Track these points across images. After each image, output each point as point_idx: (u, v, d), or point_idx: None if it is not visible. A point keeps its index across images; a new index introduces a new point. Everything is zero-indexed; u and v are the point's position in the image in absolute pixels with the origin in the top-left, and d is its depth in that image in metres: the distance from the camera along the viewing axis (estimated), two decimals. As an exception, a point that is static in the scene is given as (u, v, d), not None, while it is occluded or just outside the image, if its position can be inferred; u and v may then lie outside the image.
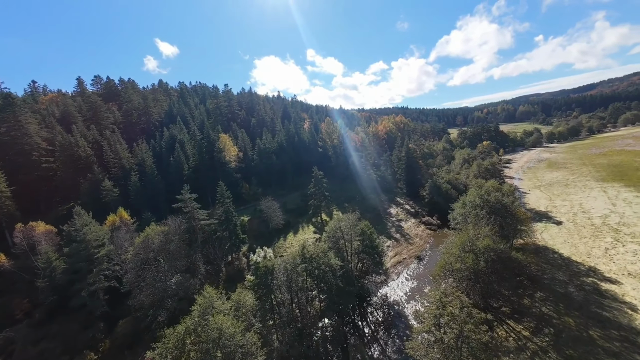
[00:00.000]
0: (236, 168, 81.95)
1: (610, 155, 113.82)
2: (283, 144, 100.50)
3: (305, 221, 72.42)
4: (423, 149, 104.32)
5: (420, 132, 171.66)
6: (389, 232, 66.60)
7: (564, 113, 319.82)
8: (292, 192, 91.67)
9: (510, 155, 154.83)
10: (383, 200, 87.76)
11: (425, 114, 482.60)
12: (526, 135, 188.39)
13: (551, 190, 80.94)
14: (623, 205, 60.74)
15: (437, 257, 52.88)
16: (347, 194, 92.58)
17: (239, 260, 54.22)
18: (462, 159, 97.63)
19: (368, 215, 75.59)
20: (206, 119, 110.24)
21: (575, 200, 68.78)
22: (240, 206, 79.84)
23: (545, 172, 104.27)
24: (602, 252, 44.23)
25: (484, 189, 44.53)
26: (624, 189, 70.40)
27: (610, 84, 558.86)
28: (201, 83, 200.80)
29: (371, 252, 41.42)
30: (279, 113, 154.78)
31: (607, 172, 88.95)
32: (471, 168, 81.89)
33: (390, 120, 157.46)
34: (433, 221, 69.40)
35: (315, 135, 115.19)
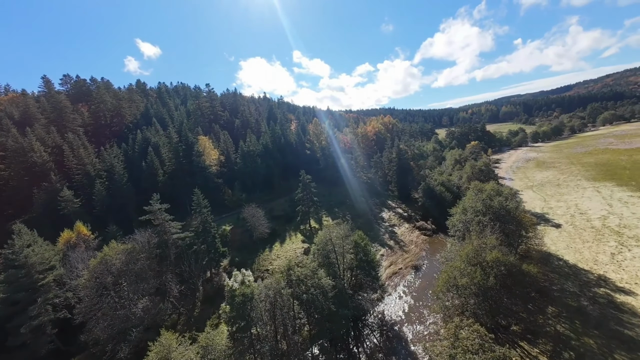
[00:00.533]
0: (217, 173, 76.14)
1: (596, 154, 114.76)
2: (268, 147, 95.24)
3: (292, 229, 67.46)
4: (414, 150, 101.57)
5: (409, 132, 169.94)
6: (382, 239, 62.62)
7: (545, 113, 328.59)
8: (278, 198, 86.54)
9: (498, 155, 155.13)
10: (374, 204, 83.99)
11: (411, 114, 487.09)
12: (512, 135, 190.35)
13: (544, 191, 79.39)
14: (619, 205, 59.14)
15: (434, 266, 49.23)
16: (336, 198, 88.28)
17: (218, 276, 48.69)
18: (453, 160, 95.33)
19: (359, 221, 71.59)
20: (186, 121, 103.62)
21: (570, 201, 67.04)
22: (222, 214, 74.11)
23: (535, 171, 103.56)
24: (608, 258, 41.61)
25: (485, 193, 41.09)
26: (617, 189, 69.33)
27: (585, 85, 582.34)
28: (182, 83, 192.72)
29: (366, 267, 37.04)
30: (265, 114, 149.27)
31: (597, 171, 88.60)
32: (464, 169, 79.28)
33: (378, 121, 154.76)
34: (428, 226, 65.99)
35: (302, 137, 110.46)
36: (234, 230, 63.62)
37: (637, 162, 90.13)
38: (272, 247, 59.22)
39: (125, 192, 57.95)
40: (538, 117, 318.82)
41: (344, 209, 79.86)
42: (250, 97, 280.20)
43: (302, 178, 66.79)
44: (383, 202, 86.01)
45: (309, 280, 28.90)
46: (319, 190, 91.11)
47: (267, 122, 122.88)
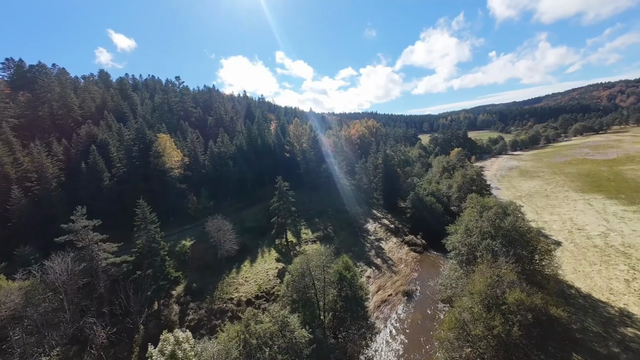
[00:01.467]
0: (181, 177, 65.86)
1: (576, 164, 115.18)
2: (243, 148, 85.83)
3: (266, 244, 58.69)
4: (400, 156, 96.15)
5: (394, 137, 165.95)
6: (368, 256, 55.41)
7: (520, 122, 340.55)
8: (252, 206, 77.34)
9: (481, 162, 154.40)
10: (358, 214, 76.95)
11: (393, 119, 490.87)
12: (492, 143, 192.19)
13: (534, 202, 76.03)
14: (616, 221, 55.76)
15: (428, 294, 42.50)
16: (317, 206, 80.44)
17: (168, 309, 39.07)
18: (441, 167, 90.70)
19: (342, 234, 64.13)
20: (149, 116, 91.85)
21: (564, 214, 63.39)
22: (185, 225, 63.91)
23: (520, 181, 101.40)
24: (624, 286, 36.67)
25: (492, 210, 34.82)
26: (608, 202, 66.76)
27: (554, 98, 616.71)
28: (152, 76, 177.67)
29: (353, 305, 29.32)
30: (242, 113, 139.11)
31: (582, 182, 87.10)
32: (454, 178, 74.26)
33: (362, 124, 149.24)
34: (417, 241, 59.66)
35: (281, 138, 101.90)
36: (196, 247, 53.86)
37: (619, 174, 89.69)
38: (240, 266, 50.15)
39: (55, 200, 46.69)
40: (513, 126, 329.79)
41: (325, 219, 72.14)
42: (229, 95, 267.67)
43: (279, 185, 58.38)
44: (368, 212, 79.22)
45: (276, 339, 20.64)
46: (298, 197, 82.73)
47: (245, 122, 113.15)
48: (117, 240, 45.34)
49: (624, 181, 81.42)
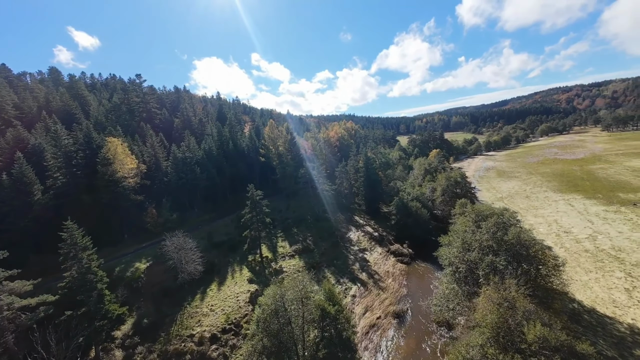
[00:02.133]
0: (137, 187, 57.23)
1: (548, 164, 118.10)
2: (212, 152, 78.06)
3: (238, 261, 51.81)
4: (380, 158, 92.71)
5: (373, 139, 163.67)
6: (352, 270, 50.25)
7: (490, 124, 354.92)
8: (223, 216, 69.90)
9: (458, 163, 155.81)
10: (340, 221, 71.90)
11: (371, 121, 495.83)
12: (467, 144, 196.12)
13: (516, 204, 74.98)
14: (600, 223, 54.85)
15: (421, 314, 37.94)
16: (295, 214, 74.49)
17: (109, 356, 31.34)
18: (423, 170, 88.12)
19: (323, 246, 58.59)
20: (104, 118, 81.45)
21: (548, 216, 62.15)
22: (142, 242, 55.42)
23: (499, 181, 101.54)
24: (625, 296, 34.14)
25: (491, 221, 30.83)
26: (588, 202, 66.67)
27: (519, 101, 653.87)
28: (114, 75, 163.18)
29: (340, 350, 23.75)
30: (214, 115, 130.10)
31: (558, 181, 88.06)
32: (438, 181, 71.41)
33: (341, 126, 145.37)
34: (404, 250, 55.47)
35: (256, 141, 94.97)
36: (153, 269, 45.97)
37: (591, 173, 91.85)
38: (205, 291, 43.00)
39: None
40: (485, 127, 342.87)
41: (304, 229, 66.35)
42: (202, 96, 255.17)
43: (251, 194, 51.82)
44: (350, 218, 74.40)
45: None
46: (274, 204, 76.39)
47: (215, 124, 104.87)
48: (51, 270, 36.98)
49: (597, 180, 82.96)
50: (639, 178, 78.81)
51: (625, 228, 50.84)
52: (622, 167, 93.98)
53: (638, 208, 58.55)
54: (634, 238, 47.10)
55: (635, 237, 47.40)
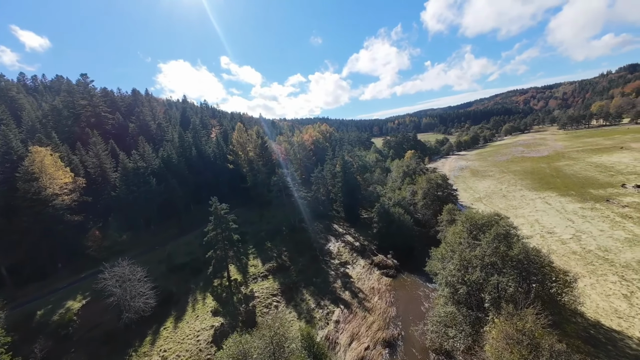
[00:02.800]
0: (74, 205, 47.70)
1: (518, 162, 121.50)
2: (172, 160, 69.36)
3: (201, 287, 44.40)
4: (358, 161, 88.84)
5: (348, 141, 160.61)
6: (334, 289, 44.80)
7: (458, 124, 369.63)
8: (186, 233, 61.68)
9: (433, 163, 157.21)
10: (318, 231, 66.46)
11: (345, 124, 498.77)
12: (439, 144, 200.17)
13: (494, 203, 74.21)
14: (580, 221, 54.31)
15: (414, 341, 33.27)
16: (269, 225, 68.02)
17: None
18: (401, 172, 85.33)
19: (300, 261, 52.65)
20: (39, 124, 69.58)
21: (528, 216, 61.17)
22: (81, 272, 46.08)
23: (474, 181, 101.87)
24: (626, 304, 31.90)
25: (491, 233, 26.93)
26: (563, 199, 66.99)
27: (482, 102, 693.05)
28: (60, 76, 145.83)
29: None
30: (177, 119, 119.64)
31: (530, 179, 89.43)
32: (418, 183, 68.45)
33: (315, 129, 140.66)
34: (389, 262, 51.09)
35: (223, 147, 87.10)
36: (91, 308, 37.38)
37: (559, 170, 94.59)
38: (159, 331, 35.33)
39: None
40: (454, 128, 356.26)
41: (279, 242, 60.11)
42: (166, 99, 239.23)
43: (214, 209, 44.80)
44: (328, 227, 69.21)
45: None
46: (246, 215, 69.47)
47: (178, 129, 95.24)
48: None
49: (566, 177, 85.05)
50: (604, 174, 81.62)
51: (605, 226, 50.34)
52: (585, 164, 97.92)
53: (612, 204, 59.12)
54: (616, 236, 46.38)
55: (617, 235, 46.74)
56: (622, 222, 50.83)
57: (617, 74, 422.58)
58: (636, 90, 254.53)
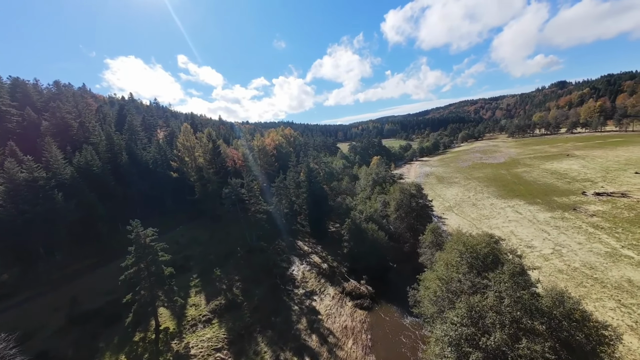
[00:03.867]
0: None
1: (479, 168, 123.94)
2: (91, 169, 54.94)
3: (114, 346, 32.27)
4: (324, 168, 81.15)
5: (313, 146, 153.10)
6: (297, 332, 35.65)
7: (419, 131, 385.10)
8: (108, 262, 48.07)
9: (398, 169, 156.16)
10: (279, 250, 57.08)
11: (310, 129, 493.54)
12: (403, 150, 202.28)
13: (466, 213, 71.26)
14: (555, 232, 52.09)
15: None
16: (221, 246, 57.06)
17: None
18: (370, 180, 79.34)
19: (257, 293, 42.71)
20: None
21: (503, 227, 58.16)
22: None
23: (441, 188, 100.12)
24: (636, 340, 27.52)
25: (505, 273, 20.23)
26: (532, 208, 65.78)
27: (437, 111, 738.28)
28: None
29: None
30: (113, 118, 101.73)
31: (495, 186, 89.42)
32: (390, 194, 62.49)
33: (278, 133, 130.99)
34: (362, 289, 43.35)
35: (167, 152, 73.66)
36: None
37: (520, 177, 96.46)
38: None
39: None
40: (414, 134, 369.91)
41: (230, 268, 49.62)
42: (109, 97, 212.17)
43: (135, 236, 33.24)
44: (292, 245, 60.06)
45: None
46: (193, 234, 57.79)
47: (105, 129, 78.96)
48: None
49: (528, 184, 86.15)
50: (561, 181, 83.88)
51: (581, 238, 48.25)
52: (541, 170, 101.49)
53: (579, 213, 58.47)
54: (596, 250, 44.02)
55: (596, 249, 44.45)
56: (596, 233, 49.29)
57: (550, 89, 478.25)
58: (568, 104, 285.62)
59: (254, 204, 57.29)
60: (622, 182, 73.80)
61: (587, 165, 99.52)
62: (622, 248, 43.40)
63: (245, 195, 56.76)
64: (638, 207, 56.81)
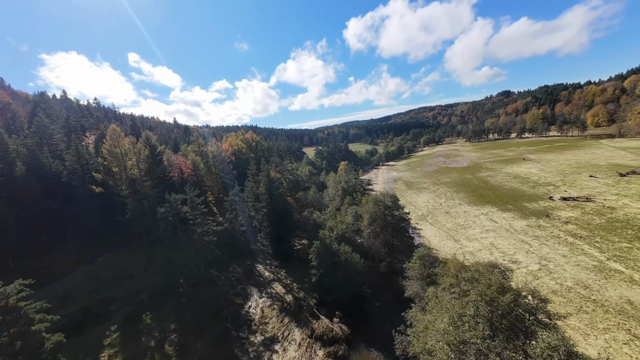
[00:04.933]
0: None
1: (444, 173, 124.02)
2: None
3: None
4: (288, 176, 72.18)
5: (277, 151, 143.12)
6: (252, 409, 26.12)
7: (383, 136, 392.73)
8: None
9: (366, 174, 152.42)
10: (234, 280, 46.94)
11: (274, 133, 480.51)
12: (369, 154, 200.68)
13: (439, 221, 67.06)
14: (536, 244, 48.93)
15: None
16: (158, 277, 45.58)
17: None
18: (339, 189, 72.15)
19: (200, 350, 32.20)
20: None
21: (482, 239, 54.15)
22: None
23: (411, 194, 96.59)
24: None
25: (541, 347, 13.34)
26: (506, 215, 63.41)
27: (399, 116, 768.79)
28: None
29: None
30: (25, 120, 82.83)
31: (465, 192, 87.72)
32: (363, 206, 55.53)
33: (238, 137, 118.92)
34: (336, 330, 35.01)
35: (89, 160, 59.27)
36: None
37: (486, 182, 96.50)
38: None
39: None
40: (379, 138, 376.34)
41: (168, 310, 38.58)
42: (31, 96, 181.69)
43: (-13, 298, 21.15)
44: (249, 271, 50.07)
45: None
46: (122, 264, 45.48)
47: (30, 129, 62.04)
48: None
49: (495, 189, 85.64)
50: (525, 185, 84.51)
51: (564, 250, 45.28)
52: (504, 174, 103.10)
53: (553, 220, 56.71)
54: (583, 264, 40.87)
55: (582, 262, 41.36)
56: (577, 243, 46.80)
57: (497, 97, 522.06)
58: (515, 111, 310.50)
59: (200, 223, 46.38)
60: (582, 186, 75.51)
61: (544, 169, 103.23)
62: (607, 260, 40.70)
63: (189, 214, 45.69)
64: (606, 212, 56.51)
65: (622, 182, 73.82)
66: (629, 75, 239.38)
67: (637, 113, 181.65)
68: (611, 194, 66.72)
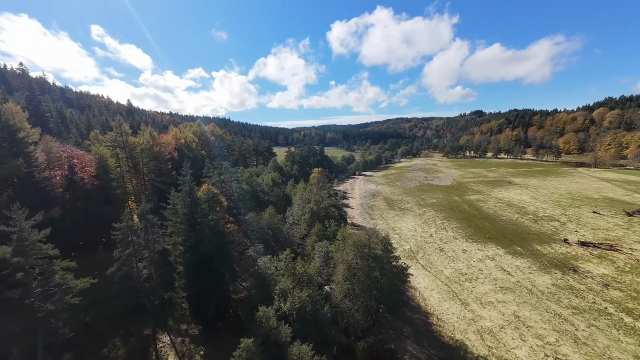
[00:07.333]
0: None
1: (428, 191, 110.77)
2: None
3: None
4: (236, 190, 52.08)
5: (240, 150, 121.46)
6: None
7: (360, 142, 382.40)
8: None
9: (341, 184, 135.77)
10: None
11: (248, 129, 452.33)
12: (346, 162, 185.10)
13: (434, 264, 51.06)
14: (581, 323, 34.03)
15: None
16: None
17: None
18: (307, 211, 53.64)
19: None
20: None
21: (499, 305, 38.42)
22: None
23: (394, 217, 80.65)
24: None
25: None
26: (519, 263, 48.98)
27: (377, 124, 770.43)
28: None
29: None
30: None
31: (456, 221, 73.40)
32: (339, 248, 37.40)
33: (189, 129, 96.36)
34: None
35: None
36: None
37: (478, 208, 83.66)
38: None
39: None
40: (356, 145, 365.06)
41: None
42: None
43: None
44: (144, 351, 29.68)
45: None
46: None
47: None
48: None
49: (491, 219, 72.49)
50: (526, 218, 72.32)
51: (630, 343, 30.57)
52: (495, 200, 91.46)
53: (582, 277, 42.86)
54: (673, 378, 26.10)
55: (670, 373, 26.64)
56: (635, 324, 32.52)
57: (470, 116, 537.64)
58: (490, 130, 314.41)
59: (41, 280, 25.27)
60: (592, 225, 64.21)
61: (536, 197, 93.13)
62: None
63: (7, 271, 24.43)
64: (646, 271, 43.84)
65: (635, 225, 63.58)
66: (596, 107, 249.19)
67: (607, 144, 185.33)
68: (632, 240, 55.36)
